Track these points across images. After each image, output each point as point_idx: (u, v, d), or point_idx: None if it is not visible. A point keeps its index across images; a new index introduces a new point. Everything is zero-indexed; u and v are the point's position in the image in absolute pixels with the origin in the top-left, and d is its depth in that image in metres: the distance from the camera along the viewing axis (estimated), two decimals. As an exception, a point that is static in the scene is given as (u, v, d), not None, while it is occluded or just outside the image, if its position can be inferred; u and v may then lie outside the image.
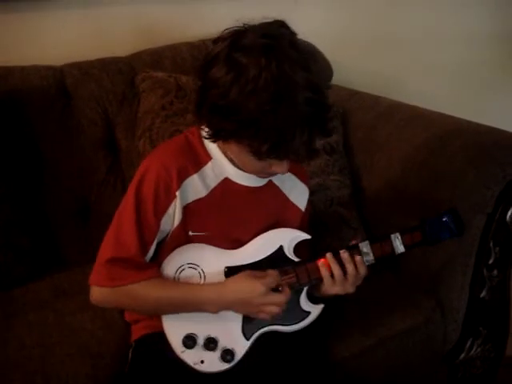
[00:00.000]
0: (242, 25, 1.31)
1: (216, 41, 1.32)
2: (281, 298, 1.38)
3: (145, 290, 1.36)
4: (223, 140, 1.34)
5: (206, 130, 1.36)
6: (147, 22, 2.24)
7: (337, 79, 2.36)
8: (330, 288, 1.42)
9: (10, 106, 1.87)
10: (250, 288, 1.37)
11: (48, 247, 1.90)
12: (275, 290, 1.39)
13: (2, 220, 1.78)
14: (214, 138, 1.34)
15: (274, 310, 1.37)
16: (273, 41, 1.26)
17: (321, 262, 1.42)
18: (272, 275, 1.38)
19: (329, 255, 1.41)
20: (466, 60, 2.89)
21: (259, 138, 1.25)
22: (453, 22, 2.82)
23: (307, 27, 1.33)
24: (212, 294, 1.38)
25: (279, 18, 1.34)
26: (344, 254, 1.42)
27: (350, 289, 1.43)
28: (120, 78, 2.03)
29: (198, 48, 2.12)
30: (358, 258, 1.42)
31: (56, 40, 2.11)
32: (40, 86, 1.93)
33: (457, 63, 2.88)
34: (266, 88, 1.22)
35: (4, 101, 1.86)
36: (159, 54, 2.13)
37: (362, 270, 1.43)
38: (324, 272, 1.41)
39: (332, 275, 1.41)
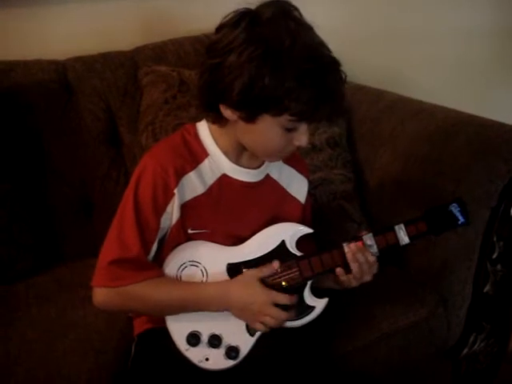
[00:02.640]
0: (242, 9, 1.30)
1: (220, 28, 1.31)
2: (281, 314, 1.36)
3: (147, 290, 1.35)
4: (253, 119, 1.31)
5: (229, 115, 1.33)
6: (150, 16, 2.24)
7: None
8: (354, 279, 1.43)
9: (12, 100, 1.87)
10: (253, 297, 1.36)
11: (50, 242, 1.90)
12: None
13: (5, 215, 1.78)
14: (245, 118, 1.31)
15: (270, 321, 1.36)
16: (288, 10, 1.29)
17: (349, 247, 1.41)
18: (282, 295, 1.37)
19: (353, 245, 1.41)
20: (469, 54, 2.88)
21: (301, 101, 1.25)
22: (456, 16, 2.81)
23: (310, 21, 1.33)
24: (215, 293, 1.37)
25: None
26: (352, 246, 1.41)
27: (369, 277, 1.44)
28: (123, 72, 2.03)
29: (201, 42, 2.11)
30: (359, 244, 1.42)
31: (59, 34, 2.10)
32: (43, 80, 1.93)
33: (460, 57, 2.87)
34: (303, 54, 1.24)
35: (7, 95, 1.86)
36: (162, 48, 2.12)
37: (369, 256, 1.43)
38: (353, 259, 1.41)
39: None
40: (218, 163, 1.42)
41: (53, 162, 1.92)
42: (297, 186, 1.56)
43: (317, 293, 1.43)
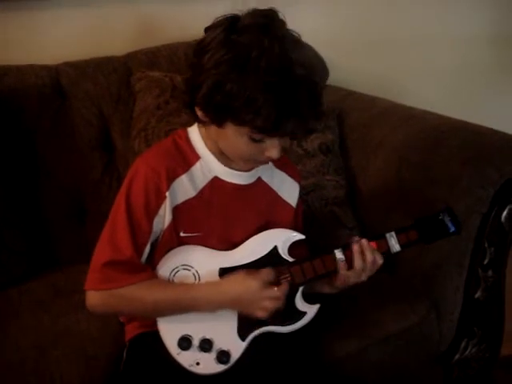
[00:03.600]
0: (233, 13, 1.31)
1: (207, 29, 1.32)
2: (276, 292, 1.37)
3: (141, 292, 1.35)
4: (220, 124, 1.32)
5: (202, 116, 1.34)
6: (143, 21, 2.24)
7: (333, 79, 2.35)
8: (348, 279, 1.43)
9: (5, 105, 1.87)
10: (243, 285, 1.37)
11: (43, 247, 1.90)
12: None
13: (-2, 220, 1.78)
14: (212, 121, 1.32)
15: (270, 305, 1.36)
16: (270, 21, 1.28)
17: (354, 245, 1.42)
18: (266, 271, 1.38)
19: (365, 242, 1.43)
20: (463, 61, 2.89)
21: (262, 115, 1.24)
22: (451, 23, 2.82)
23: (304, 27, 1.33)
24: (207, 293, 1.38)
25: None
26: (364, 242, 1.43)
27: (366, 277, 1.45)
28: (115, 77, 2.03)
29: (194, 48, 2.11)
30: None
31: (52, 39, 2.11)
32: (35, 85, 1.93)
33: (454, 65, 2.88)
34: (269, 66, 1.23)
35: (0, 100, 1.85)
36: (155, 54, 2.13)
37: (379, 258, 1.44)
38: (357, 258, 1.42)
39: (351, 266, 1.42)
40: (209, 166, 1.42)
41: (46, 167, 1.92)
42: (288, 190, 1.56)
43: (308, 298, 1.44)
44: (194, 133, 1.44)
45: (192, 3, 2.26)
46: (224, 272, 1.40)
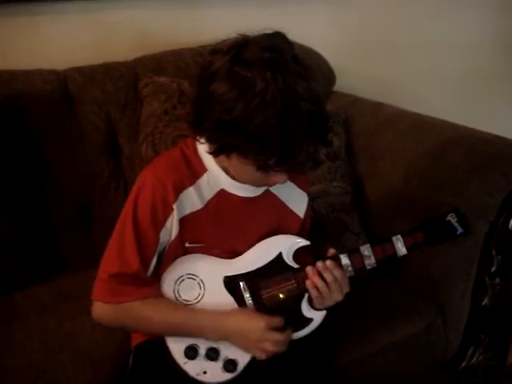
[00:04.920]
0: (241, 36, 1.29)
1: (214, 52, 1.30)
2: (280, 336, 1.37)
3: (145, 311, 1.36)
4: (226, 154, 1.32)
5: (206, 143, 1.34)
6: (150, 27, 2.24)
7: (340, 85, 2.36)
8: (321, 301, 1.41)
9: (13, 110, 1.87)
10: (250, 322, 1.37)
11: (49, 251, 1.90)
12: None
13: (4, 224, 1.78)
14: (216, 152, 1.32)
15: (271, 348, 1.36)
16: (276, 54, 1.24)
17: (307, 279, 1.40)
18: (278, 319, 1.38)
19: (309, 269, 1.40)
20: (471, 68, 2.89)
21: (265, 152, 1.24)
22: (456, 29, 2.82)
23: (310, 33, 1.34)
24: (211, 321, 1.37)
25: (282, 23, 1.33)
26: (319, 264, 1.40)
27: (339, 297, 1.41)
28: (123, 82, 2.03)
29: (201, 54, 2.11)
30: (328, 263, 1.40)
31: (59, 45, 2.11)
32: (43, 90, 1.93)
33: (461, 71, 2.88)
34: (274, 102, 1.21)
35: (7, 105, 1.86)
36: (161, 59, 2.12)
37: (338, 274, 1.40)
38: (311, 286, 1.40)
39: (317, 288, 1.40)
40: (216, 178, 1.41)
41: (53, 172, 1.92)
42: (296, 201, 1.55)
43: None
44: (203, 146, 1.41)
45: (199, 9, 2.26)
46: (229, 280, 1.40)
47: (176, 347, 1.37)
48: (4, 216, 1.79)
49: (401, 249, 1.44)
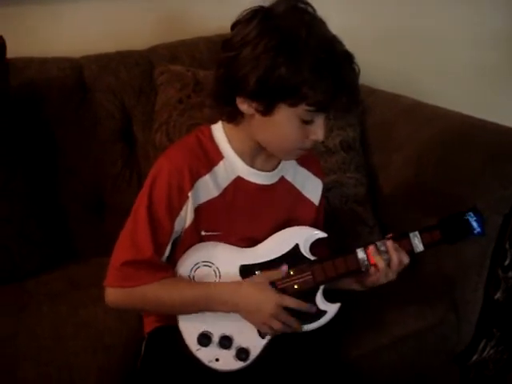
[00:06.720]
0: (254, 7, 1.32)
1: (236, 24, 1.32)
2: (288, 319, 1.37)
3: (159, 291, 1.35)
4: (270, 111, 1.30)
5: (247, 108, 1.33)
6: (165, 15, 2.24)
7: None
8: (378, 279, 1.43)
9: (27, 97, 1.88)
10: (262, 293, 1.36)
11: (62, 239, 1.90)
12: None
13: (17, 211, 1.78)
14: (262, 111, 1.31)
15: (277, 326, 1.36)
16: (303, 4, 1.31)
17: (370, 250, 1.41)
18: (298, 301, 1.38)
19: (372, 248, 1.41)
20: (485, 59, 2.86)
21: (320, 90, 1.26)
22: (473, 20, 2.79)
23: (326, 23, 1.34)
24: (225, 294, 1.37)
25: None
26: (389, 243, 1.41)
27: (393, 276, 1.44)
28: (138, 70, 2.03)
29: (215, 42, 2.11)
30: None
31: (74, 32, 2.11)
32: (58, 77, 1.93)
33: (475, 62, 2.85)
34: (318, 44, 1.26)
35: (22, 92, 1.86)
36: (176, 48, 2.13)
37: (405, 258, 1.43)
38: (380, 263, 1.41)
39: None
40: (232, 166, 1.41)
41: (66, 159, 1.92)
42: (311, 188, 1.55)
43: (329, 297, 1.43)
44: (219, 131, 1.42)
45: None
46: (244, 269, 1.40)
47: (189, 334, 1.37)
48: (17, 203, 1.79)
49: (418, 245, 1.43)
